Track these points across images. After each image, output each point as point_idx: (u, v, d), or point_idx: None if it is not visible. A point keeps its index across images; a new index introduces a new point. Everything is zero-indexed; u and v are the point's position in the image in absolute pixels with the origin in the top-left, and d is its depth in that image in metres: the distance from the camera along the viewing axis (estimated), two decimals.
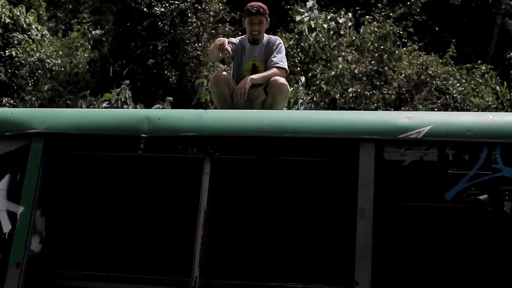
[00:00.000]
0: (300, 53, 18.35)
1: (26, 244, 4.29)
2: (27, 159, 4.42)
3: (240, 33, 19.40)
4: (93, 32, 19.90)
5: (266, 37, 6.15)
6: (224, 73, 5.94)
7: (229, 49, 5.81)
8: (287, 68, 5.97)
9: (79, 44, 19.66)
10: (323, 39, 18.52)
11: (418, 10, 22.92)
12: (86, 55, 19.28)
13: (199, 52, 18.26)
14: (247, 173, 4.81)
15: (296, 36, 18.72)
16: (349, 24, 19.75)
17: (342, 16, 19.85)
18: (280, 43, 6.11)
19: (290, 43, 18.14)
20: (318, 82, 17.10)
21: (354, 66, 17.80)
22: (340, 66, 17.42)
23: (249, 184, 4.98)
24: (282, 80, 5.82)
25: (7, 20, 19.72)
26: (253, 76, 5.87)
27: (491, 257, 4.47)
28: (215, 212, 4.40)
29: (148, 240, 5.17)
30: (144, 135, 4.38)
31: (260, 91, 5.90)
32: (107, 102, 15.89)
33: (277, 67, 5.91)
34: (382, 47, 18.10)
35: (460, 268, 4.53)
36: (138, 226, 5.20)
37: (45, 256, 4.49)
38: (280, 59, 5.96)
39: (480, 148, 3.98)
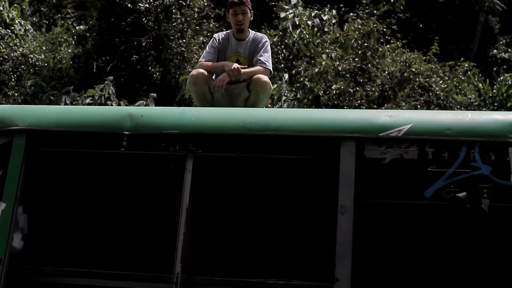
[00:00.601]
0: (284, 50, 18.39)
1: (8, 240, 4.29)
2: (9, 156, 4.42)
3: (224, 29, 19.41)
4: (77, 27, 19.83)
5: (252, 33, 6.15)
6: (203, 71, 5.91)
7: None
8: (271, 69, 5.98)
9: (62, 40, 19.59)
10: (307, 36, 18.58)
11: (401, 7, 23.01)
12: (69, 50, 19.21)
13: (183, 49, 18.25)
14: (230, 171, 4.83)
15: (280, 33, 18.77)
16: (333, 21, 19.82)
17: (326, 13, 19.92)
18: (267, 41, 6.10)
19: (274, 39, 18.17)
20: (301, 79, 17.16)
21: (337, 63, 17.86)
22: (324, 63, 17.47)
23: (232, 182, 5.00)
24: (266, 78, 5.83)
25: None
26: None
27: (470, 253, 4.52)
28: (197, 209, 4.42)
29: (131, 237, 5.18)
30: (126, 132, 4.38)
31: (242, 88, 5.91)
32: (90, 98, 15.85)
33: (263, 67, 5.92)
34: (365, 44, 18.17)
35: (440, 264, 4.58)
36: (121, 222, 5.20)
37: (27, 253, 4.49)
38: (267, 59, 5.96)
39: (459, 146, 4.03)
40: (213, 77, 6.01)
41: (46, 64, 18.76)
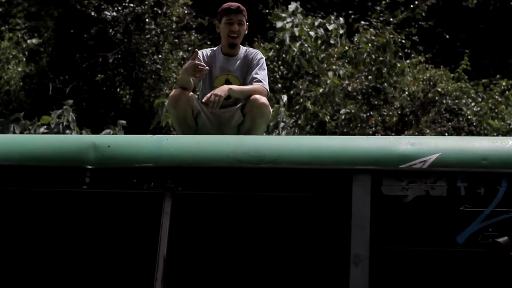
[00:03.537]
0: (281, 67, 18.45)
1: None
2: None
3: (209, 43, 19.50)
4: (28, 41, 19.88)
5: (243, 49, 6.20)
6: (185, 91, 5.92)
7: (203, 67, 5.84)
8: (268, 90, 6.00)
9: (11, 56, 19.61)
10: (309, 50, 18.66)
11: (424, 14, 23.14)
12: (20, 69, 19.23)
13: (158, 66, 18.31)
14: (216, 213, 4.82)
15: (277, 46, 18.83)
16: (341, 31, 19.90)
17: (332, 22, 20.00)
18: (262, 58, 6.15)
19: (270, 54, 18.22)
20: (303, 101, 17.19)
21: (347, 82, 17.94)
22: (330, 82, 17.53)
23: (219, 226, 4.98)
24: (264, 99, 5.85)
25: None
26: (232, 87, 5.89)
27: None
28: (177, 259, 4.40)
29: None
30: (89, 167, 4.38)
31: (235, 112, 5.92)
32: (45, 126, 15.83)
33: (260, 85, 5.94)
34: (380, 59, 18.26)
35: None
36: (84, 274, 5.17)
37: None
38: (263, 77, 6.01)
39: (498, 180, 4.03)
40: (197, 96, 6.03)
41: None
